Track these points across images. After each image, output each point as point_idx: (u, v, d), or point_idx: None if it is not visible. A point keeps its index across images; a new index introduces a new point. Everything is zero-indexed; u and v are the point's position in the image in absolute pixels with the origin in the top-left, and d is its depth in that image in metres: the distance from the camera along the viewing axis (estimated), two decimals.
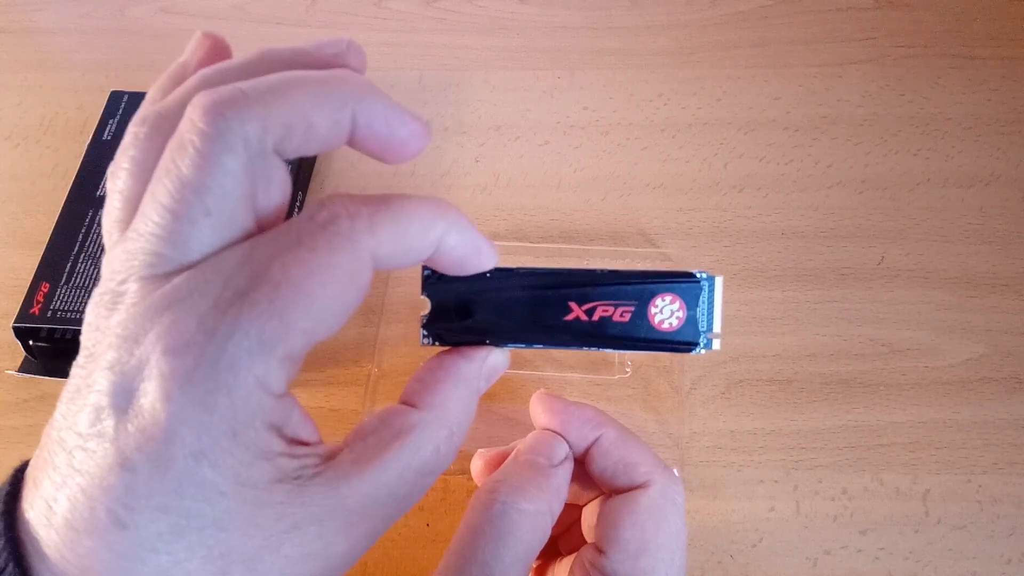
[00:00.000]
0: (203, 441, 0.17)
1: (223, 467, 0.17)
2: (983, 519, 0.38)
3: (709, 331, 0.24)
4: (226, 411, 0.17)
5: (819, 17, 0.54)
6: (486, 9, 0.56)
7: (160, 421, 0.17)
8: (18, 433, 0.41)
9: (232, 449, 0.17)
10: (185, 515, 0.17)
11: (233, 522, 0.18)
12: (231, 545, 0.18)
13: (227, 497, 0.17)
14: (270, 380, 0.18)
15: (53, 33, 0.56)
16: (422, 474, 0.21)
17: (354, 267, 0.19)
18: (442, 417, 0.22)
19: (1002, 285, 0.44)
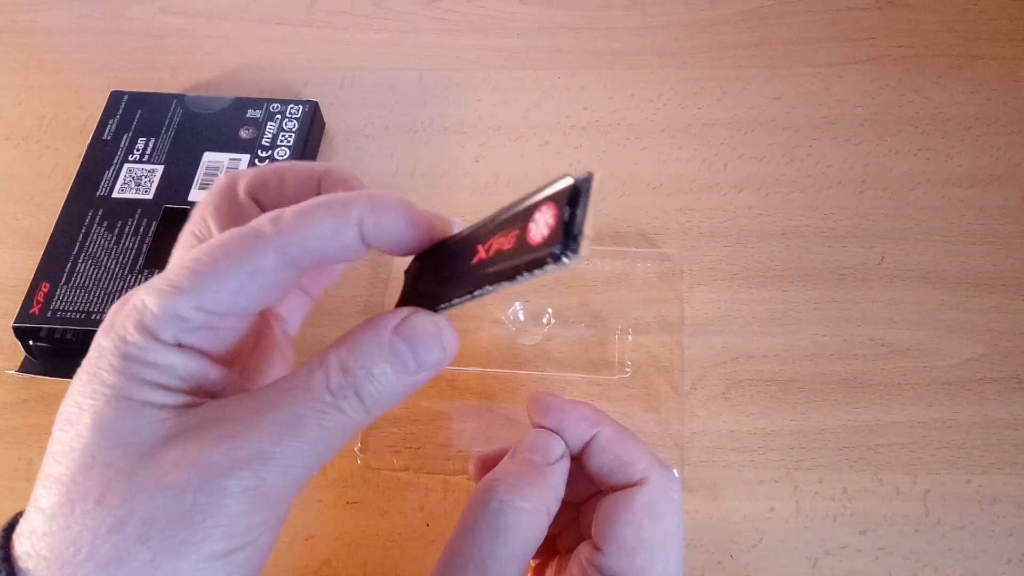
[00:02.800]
0: (93, 360, 0.21)
1: (108, 379, 0.20)
2: (983, 519, 0.38)
3: (579, 235, 0.19)
4: (119, 338, 0.21)
5: (819, 17, 0.54)
6: (486, 9, 0.56)
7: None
8: (18, 433, 0.41)
9: (118, 365, 0.20)
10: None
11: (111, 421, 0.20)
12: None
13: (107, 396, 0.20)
14: (152, 324, 0.20)
15: (53, 33, 0.56)
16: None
17: (255, 256, 0.21)
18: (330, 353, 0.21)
19: (1002, 285, 0.44)
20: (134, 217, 0.44)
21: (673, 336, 0.42)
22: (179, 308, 0.20)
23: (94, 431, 0.20)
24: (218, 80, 0.53)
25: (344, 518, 0.38)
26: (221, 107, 0.48)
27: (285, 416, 0.20)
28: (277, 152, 0.47)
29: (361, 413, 0.21)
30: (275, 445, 0.19)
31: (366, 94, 0.52)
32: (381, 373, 0.21)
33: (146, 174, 0.46)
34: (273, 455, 0.19)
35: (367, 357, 0.21)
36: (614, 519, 0.27)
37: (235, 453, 0.19)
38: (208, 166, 0.46)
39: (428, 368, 0.22)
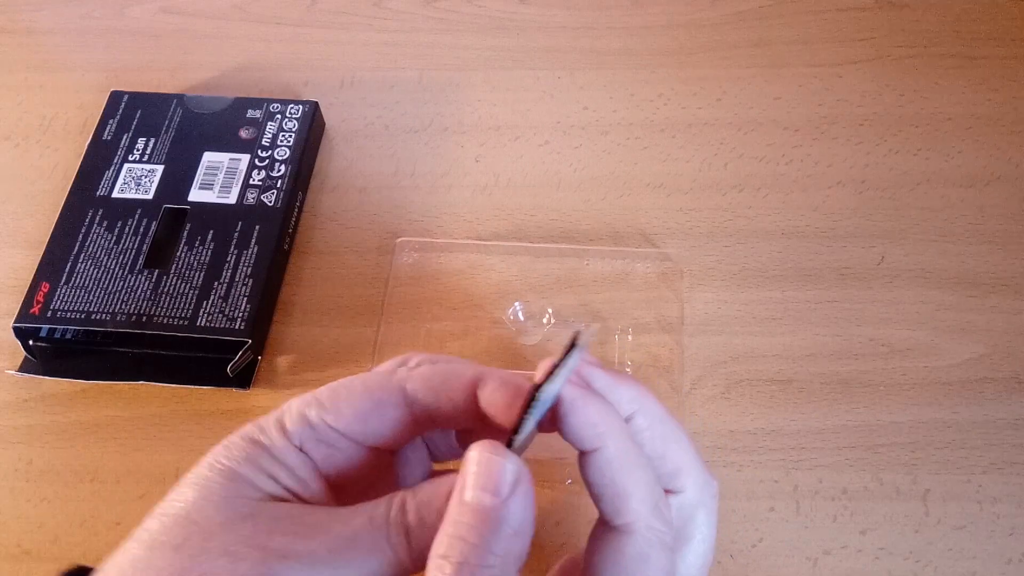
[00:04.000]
0: (232, 438, 0.25)
1: (233, 452, 0.25)
2: (983, 519, 0.38)
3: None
4: (257, 427, 0.25)
5: (819, 17, 0.54)
6: (486, 9, 0.56)
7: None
8: (18, 433, 0.41)
9: (246, 446, 0.25)
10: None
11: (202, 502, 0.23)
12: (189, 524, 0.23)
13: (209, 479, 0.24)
14: (287, 422, 0.25)
15: (53, 33, 0.56)
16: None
17: (383, 393, 0.25)
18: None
19: (1002, 285, 0.44)
20: (134, 217, 0.44)
21: (673, 336, 0.42)
22: (311, 416, 0.25)
23: (198, 491, 0.23)
24: (218, 80, 0.53)
25: None
26: (221, 107, 0.48)
27: (344, 531, 0.23)
28: (277, 152, 0.47)
29: (404, 552, 0.23)
30: (328, 553, 0.22)
31: (366, 94, 0.52)
32: (431, 522, 0.23)
33: (146, 174, 0.46)
34: (325, 561, 0.22)
35: (424, 504, 0.23)
36: (599, 562, 0.24)
37: (295, 547, 0.22)
38: (208, 166, 0.46)
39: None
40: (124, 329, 0.40)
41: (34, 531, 0.38)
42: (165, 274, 0.42)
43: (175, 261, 0.42)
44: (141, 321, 0.40)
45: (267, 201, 0.45)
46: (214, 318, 0.41)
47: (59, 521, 0.38)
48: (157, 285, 0.42)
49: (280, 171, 0.46)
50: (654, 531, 0.24)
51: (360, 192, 0.48)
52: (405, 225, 0.47)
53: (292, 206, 0.46)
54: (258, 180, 0.46)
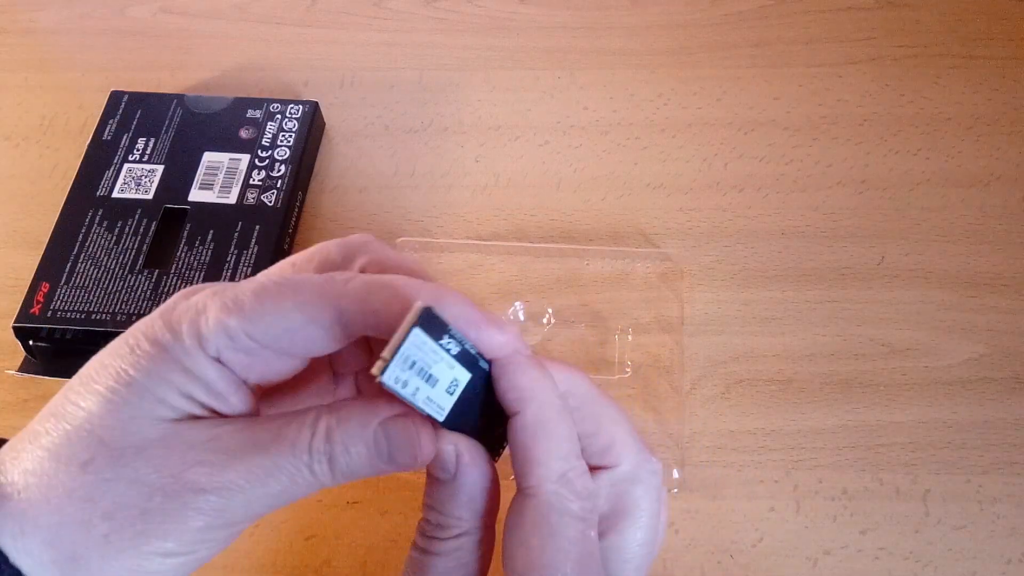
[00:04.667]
0: (139, 338, 0.23)
1: (141, 362, 0.22)
2: (983, 519, 0.38)
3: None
4: (169, 327, 0.22)
5: (819, 17, 0.54)
6: (486, 9, 0.56)
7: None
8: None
9: (156, 354, 0.22)
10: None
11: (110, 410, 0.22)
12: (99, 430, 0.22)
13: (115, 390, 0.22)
14: (204, 330, 0.22)
15: (53, 33, 0.56)
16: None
17: (314, 307, 0.23)
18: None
19: (1002, 285, 0.44)
20: (134, 217, 0.44)
21: (673, 336, 0.42)
22: (231, 327, 0.22)
23: (104, 403, 0.22)
24: (218, 80, 0.53)
25: (344, 518, 0.38)
26: (221, 107, 0.48)
27: (265, 461, 0.22)
28: (277, 152, 0.47)
29: (327, 479, 0.22)
30: (247, 483, 0.21)
31: (366, 94, 0.52)
32: (357, 453, 0.22)
33: (146, 174, 0.46)
34: (242, 489, 0.21)
35: (350, 435, 0.22)
36: (507, 536, 0.24)
37: (211, 478, 0.21)
38: (208, 166, 0.46)
39: (398, 466, 0.23)
40: (124, 329, 0.40)
41: None
42: (165, 274, 0.42)
43: (175, 261, 0.42)
44: None
45: (267, 201, 0.45)
46: None
47: None
48: (157, 285, 0.42)
49: (280, 171, 0.46)
50: (558, 496, 0.24)
51: (360, 192, 0.48)
52: (405, 225, 0.47)
53: (292, 206, 0.46)
54: (258, 180, 0.46)
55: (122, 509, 0.21)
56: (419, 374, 0.22)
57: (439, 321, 0.22)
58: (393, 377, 0.21)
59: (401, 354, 0.21)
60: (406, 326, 0.21)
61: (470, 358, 0.23)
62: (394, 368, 0.21)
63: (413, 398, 0.22)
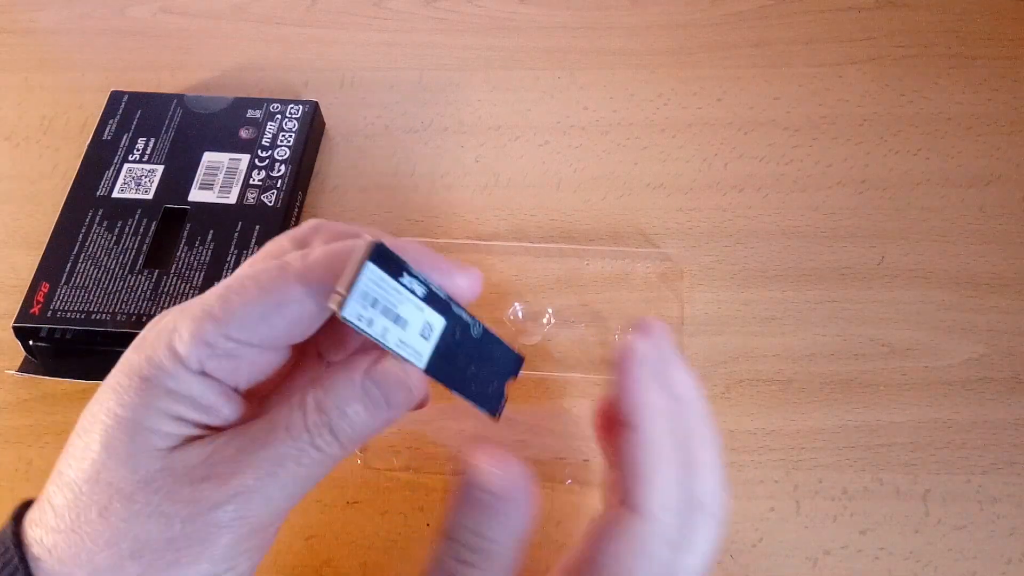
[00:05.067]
0: (120, 377, 0.22)
1: (126, 399, 0.22)
2: (983, 519, 0.38)
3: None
4: (145, 358, 0.22)
5: (819, 17, 0.54)
6: (486, 9, 0.56)
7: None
8: (18, 433, 0.41)
9: (140, 386, 0.22)
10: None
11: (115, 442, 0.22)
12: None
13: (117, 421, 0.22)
14: (179, 347, 0.22)
15: (53, 33, 0.56)
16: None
17: (279, 286, 0.22)
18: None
19: (1002, 285, 0.44)
20: (134, 217, 0.44)
21: (673, 336, 0.42)
22: (208, 335, 0.22)
23: (103, 449, 0.22)
24: (218, 80, 0.53)
25: (344, 518, 0.38)
26: (221, 107, 0.48)
27: (267, 454, 0.22)
28: (277, 152, 0.47)
29: (336, 448, 0.23)
30: (258, 481, 0.21)
31: (366, 94, 0.52)
32: (354, 412, 0.23)
33: (146, 174, 0.46)
34: (256, 489, 0.22)
35: (341, 397, 0.23)
36: (593, 545, 0.24)
37: (222, 489, 0.21)
38: (208, 166, 0.46)
39: (397, 407, 0.23)
40: (124, 329, 0.40)
41: None
42: (165, 274, 0.42)
43: (175, 261, 0.42)
44: (141, 321, 0.40)
45: (267, 201, 0.45)
46: None
47: None
48: (157, 285, 0.42)
49: (280, 171, 0.46)
50: (659, 523, 0.24)
51: (360, 192, 0.48)
52: (405, 225, 0.47)
53: (292, 206, 0.46)
54: (258, 180, 0.46)
55: (147, 546, 0.21)
56: (384, 313, 0.21)
57: (393, 257, 0.21)
58: (355, 313, 0.21)
59: (358, 288, 0.21)
60: (357, 260, 0.21)
61: (440, 302, 0.23)
62: (354, 303, 0.21)
63: (383, 338, 0.22)
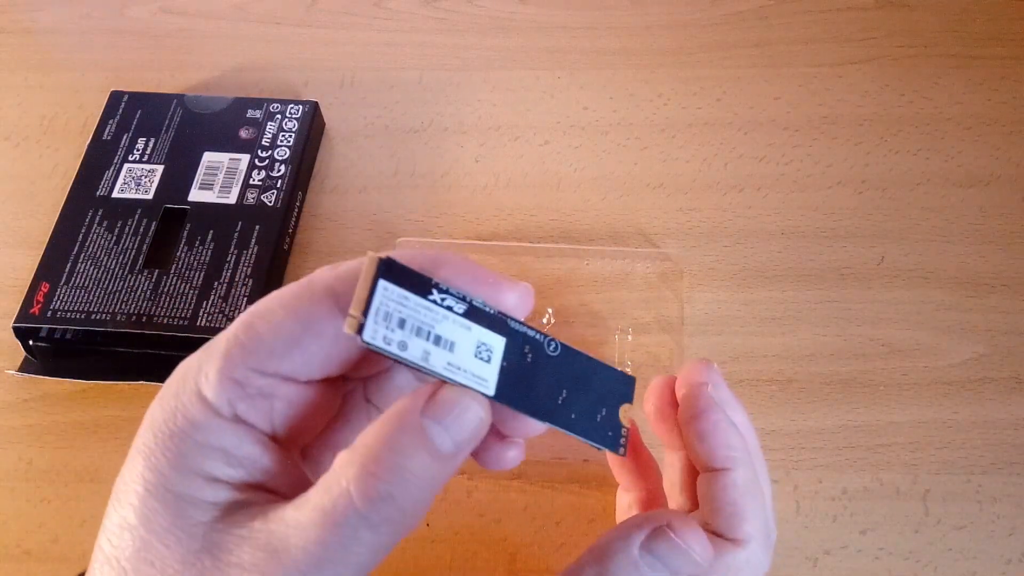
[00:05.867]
0: (147, 437, 0.20)
1: (155, 462, 0.19)
2: (983, 519, 0.38)
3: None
4: (171, 411, 0.20)
5: (819, 17, 0.54)
6: (486, 9, 0.56)
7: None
8: (18, 433, 0.41)
9: (168, 445, 0.19)
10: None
11: (153, 513, 0.19)
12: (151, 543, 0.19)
13: (151, 492, 0.19)
14: (207, 391, 0.19)
15: (53, 33, 0.56)
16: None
17: (306, 304, 0.20)
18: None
19: (1002, 285, 0.44)
20: (134, 217, 0.44)
21: (673, 336, 0.42)
22: (235, 371, 0.19)
23: (141, 524, 0.19)
24: (218, 80, 0.53)
25: None
26: (221, 107, 0.48)
27: (311, 547, 0.18)
28: (277, 152, 0.47)
29: (398, 518, 0.18)
30: (307, 573, 0.18)
31: (366, 94, 0.52)
32: (420, 466, 0.18)
33: (146, 174, 0.46)
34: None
35: (398, 449, 0.18)
36: (716, 495, 0.26)
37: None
38: (208, 166, 0.46)
39: (470, 441, 0.20)
40: (124, 329, 0.40)
41: (34, 531, 0.38)
42: (165, 274, 0.42)
43: (175, 261, 0.42)
44: (141, 321, 0.40)
45: (267, 201, 0.45)
46: (214, 318, 0.41)
47: (59, 521, 0.38)
48: (157, 285, 0.42)
49: (280, 171, 0.46)
50: (754, 551, 0.26)
51: (360, 192, 0.48)
52: (405, 225, 0.47)
53: (292, 206, 0.46)
54: (258, 180, 0.46)
55: None
56: (417, 333, 0.19)
57: (409, 272, 0.19)
58: (379, 336, 0.18)
59: (374, 307, 0.18)
60: (367, 278, 0.19)
61: (491, 319, 0.20)
62: (373, 324, 0.18)
63: (426, 363, 0.19)
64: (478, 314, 0.20)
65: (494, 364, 0.20)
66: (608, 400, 0.22)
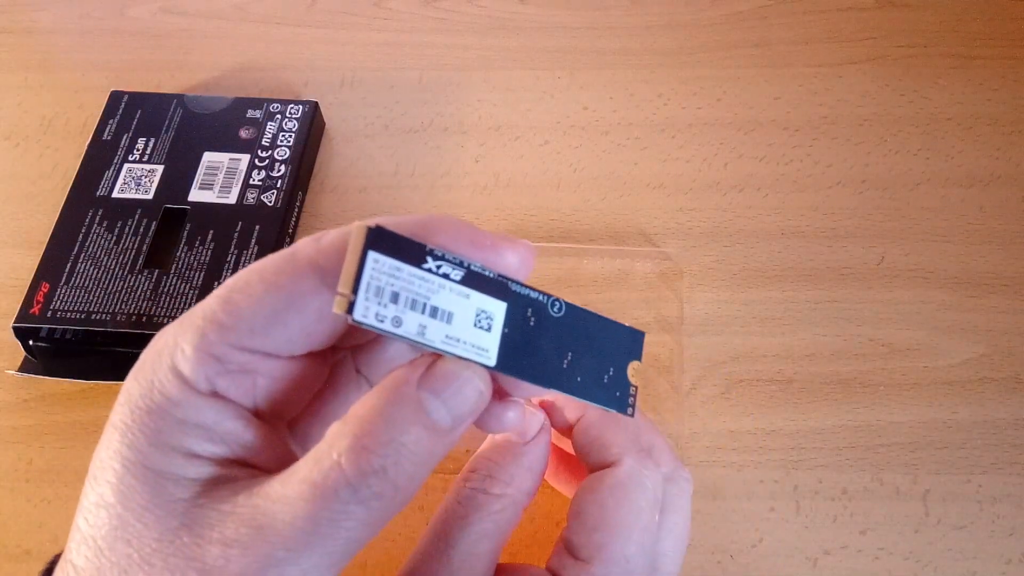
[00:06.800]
0: (123, 413, 0.19)
1: (132, 439, 0.19)
2: (983, 519, 0.38)
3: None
4: (147, 386, 0.19)
5: (819, 17, 0.54)
6: (486, 9, 0.56)
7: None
8: (18, 433, 0.41)
9: (145, 421, 0.19)
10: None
11: (128, 493, 0.19)
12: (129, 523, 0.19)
13: (128, 468, 0.19)
14: (183, 367, 0.19)
15: (53, 33, 0.56)
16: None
17: (288, 277, 0.19)
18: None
19: (1002, 285, 0.44)
20: (134, 217, 0.44)
21: (673, 336, 0.42)
22: (213, 347, 0.19)
23: (118, 501, 0.19)
24: (218, 80, 0.53)
25: None
26: (221, 107, 0.48)
27: (299, 523, 0.17)
28: (277, 152, 0.47)
29: (391, 494, 0.18)
30: (289, 553, 0.17)
31: (366, 94, 0.52)
32: (414, 440, 0.18)
33: (146, 174, 0.46)
34: (289, 561, 0.17)
35: (395, 425, 0.18)
36: (581, 496, 0.27)
37: (246, 561, 0.17)
38: (208, 166, 0.46)
39: (468, 416, 0.19)
40: (124, 329, 0.40)
41: (34, 531, 0.38)
42: (165, 274, 0.42)
43: (175, 261, 0.43)
44: (141, 321, 0.40)
45: (267, 201, 0.45)
46: None
47: (59, 521, 0.38)
48: (157, 285, 0.42)
49: (280, 171, 0.46)
50: (635, 470, 0.26)
51: (360, 192, 0.48)
52: None
53: (292, 206, 0.46)
54: (258, 180, 0.46)
55: None
56: (412, 307, 0.18)
57: (401, 240, 0.18)
58: (371, 313, 0.17)
59: (365, 283, 0.17)
60: (355, 250, 0.17)
61: (491, 283, 0.19)
62: (365, 302, 0.17)
63: (422, 337, 0.18)
64: (477, 279, 0.19)
65: (495, 332, 0.19)
66: (616, 358, 0.21)
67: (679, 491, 0.29)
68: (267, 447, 0.20)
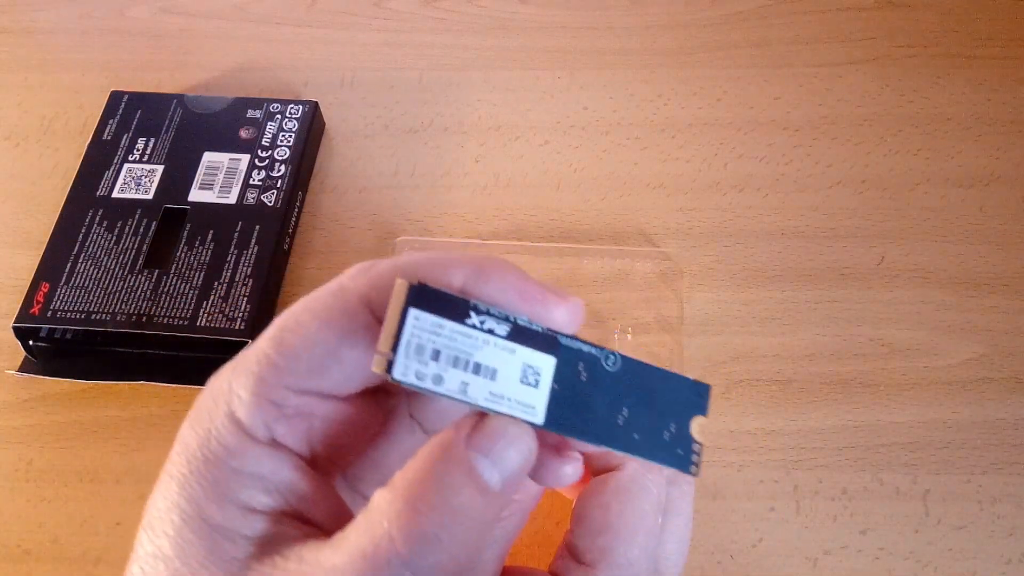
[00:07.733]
0: (180, 463, 0.19)
1: (190, 491, 0.18)
2: (983, 519, 0.38)
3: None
4: (204, 435, 0.19)
5: (819, 17, 0.54)
6: (486, 9, 0.56)
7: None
8: (18, 433, 0.41)
9: (203, 472, 0.18)
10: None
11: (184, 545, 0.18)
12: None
13: (186, 522, 0.18)
14: (241, 413, 0.18)
15: (53, 33, 0.56)
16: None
17: (340, 314, 0.19)
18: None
19: (1002, 285, 0.44)
20: (134, 217, 0.44)
21: (673, 336, 0.42)
22: (271, 391, 0.18)
23: (176, 553, 0.18)
24: (218, 80, 0.53)
25: None
26: (221, 107, 0.48)
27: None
28: (277, 152, 0.47)
29: (446, 562, 0.17)
30: None
31: (366, 94, 0.52)
32: (468, 502, 0.17)
33: (146, 174, 0.46)
34: None
35: (446, 487, 0.17)
36: (585, 500, 0.26)
37: None
38: (208, 166, 0.46)
39: (514, 478, 0.18)
40: (124, 329, 0.40)
41: (34, 531, 0.38)
42: (165, 274, 0.42)
43: (175, 261, 0.43)
44: (141, 321, 0.40)
45: (267, 201, 0.45)
46: (214, 318, 0.41)
47: (59, 521, 0.38)
48: (157, 285, 0.42)
49: (280, 171, 0.46)
50: (640, 475, 0.24)
51: (360, 192, 0.48)
52: (405, 225, 0.47)
53: (292, 206, 0.46)
54: (258, 180, 0.46)
55: None
56: (455, 364, 0.18)
57: (444, 296, 0.18)
58: (411, 372, 0.17)
59: (404, 343, 0.17)
60: (396, 308, 0.17)
61: (540, 337, 0.19)
62: (404, 360, 0.17)
63: (464, 395, 0.18)
64: (523, 334, 0.18)
65: (543, 388, 0.18)
66: (677, 413, 0.20)
67: (681, 493, 0.28)
68: (321, 499, 0.20)
